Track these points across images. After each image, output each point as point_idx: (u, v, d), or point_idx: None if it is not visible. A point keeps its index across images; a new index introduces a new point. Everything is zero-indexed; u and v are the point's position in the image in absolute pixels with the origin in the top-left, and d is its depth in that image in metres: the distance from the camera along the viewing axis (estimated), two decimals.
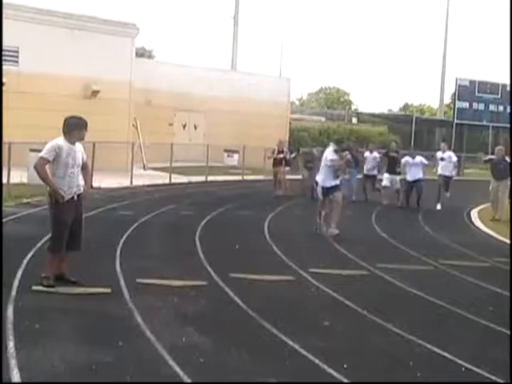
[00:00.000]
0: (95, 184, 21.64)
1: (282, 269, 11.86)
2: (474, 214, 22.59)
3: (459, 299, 10.18)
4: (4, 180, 19.97)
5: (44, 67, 30.09)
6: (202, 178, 30.60)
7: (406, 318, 9.12)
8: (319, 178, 16.47)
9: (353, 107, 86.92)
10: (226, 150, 38.75)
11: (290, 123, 47.30)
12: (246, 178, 33.11)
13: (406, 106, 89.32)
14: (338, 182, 16.24)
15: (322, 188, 16.28)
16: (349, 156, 16.76)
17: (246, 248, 13.92)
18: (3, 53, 29.91)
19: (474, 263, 13.61)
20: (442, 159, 23.65)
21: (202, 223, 16.88)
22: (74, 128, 9.63)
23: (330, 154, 16.18)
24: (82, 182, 9.89)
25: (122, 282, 10.12)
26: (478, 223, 20.38)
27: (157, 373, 6.66)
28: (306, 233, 16.51)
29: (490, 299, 10.59)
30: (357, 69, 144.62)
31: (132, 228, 15.48)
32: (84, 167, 9.99)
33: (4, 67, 29.71)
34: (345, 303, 9.72)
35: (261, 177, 32.96)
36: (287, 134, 44.34)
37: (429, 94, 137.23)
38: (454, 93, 57.57)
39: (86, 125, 9.77)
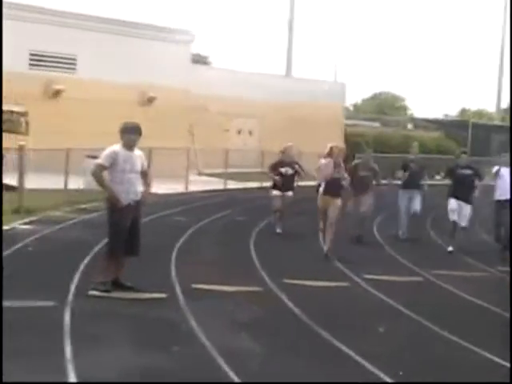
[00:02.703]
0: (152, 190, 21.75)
1: (336, 275, 11.82)
2: None
3: None
4: (61, 186, 20.25)
5: (101, 74, 30.38)
6: (256, 184, 30.58)
7: (463, 325, 9.03)
8: None
9: (408, 112, 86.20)
10: None
11: (345, 129, 47.09)
12: (300, 183, 32.98)
13: (463, 111, 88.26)
14: None
15: None
16: None
17: (301, 254, 13.88)
18: (61, 60, 30.44)
19: None
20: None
21: (257, 229, 16.88)
22: (124, 132, 9.66)
23: None
24: (140, 188, 9.89)
25: (178, 288, 10.17)
26: None
27: (211, 378, 6.67)
28: (362, 238, 16.38)
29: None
30: (412, 73, 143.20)
31: (187, 234, 15.54)
32: (144, 174, 10.03)
33: (62, 75, 30.20)
34: (399, 310, 9.65)
35: (315, 182, 32.84)
36: (342, 139, 44.13)
37: (487, 99, 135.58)
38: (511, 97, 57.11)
39: (137, 129, 9.73)
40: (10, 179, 19.09)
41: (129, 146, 9.64)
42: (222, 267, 12.08)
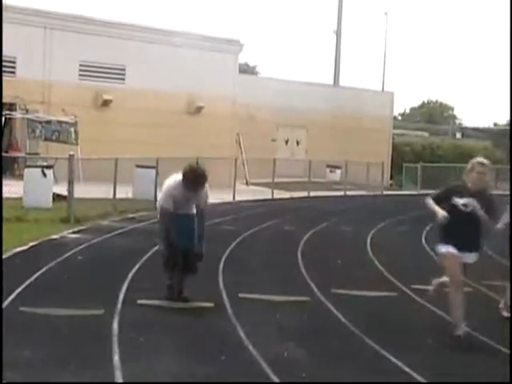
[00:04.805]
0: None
1: (383, 284, 11.72)
2: None
3: None
4: (110, 195, 20.38)
5: (149, 84, 30.64)
6: (304, 194, 30.57)
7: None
8: None
9: (457, 122, 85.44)
10: (328, 166, 38.67)
11: (393, 138, 46.87)
12: (348, 193, 32.93)
13: None
14: None
15: None
16: None
17: (349, 263, 13.80)
18: (110, 71, 30.80)
19: None
20: None
21: (305, 238, 16.83)
22: (187, 179, 9.37)
23: None
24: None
25: (225, 297, 10.17)
26: None
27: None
28: (411, 248, 16.25)
29: None
30: (460, 82, 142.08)
31: (235, 243, 15.54)
32: (201, 211, 10.10)
33: (111, 85, 30.55)
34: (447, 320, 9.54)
35: (363, 192, 32.83)
36: (390, 149, 44.01)
37: None
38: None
39: (200, 181, 9.45)
40: (59, 188, 19.34)
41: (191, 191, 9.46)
42: (269, 277, 12.06)
